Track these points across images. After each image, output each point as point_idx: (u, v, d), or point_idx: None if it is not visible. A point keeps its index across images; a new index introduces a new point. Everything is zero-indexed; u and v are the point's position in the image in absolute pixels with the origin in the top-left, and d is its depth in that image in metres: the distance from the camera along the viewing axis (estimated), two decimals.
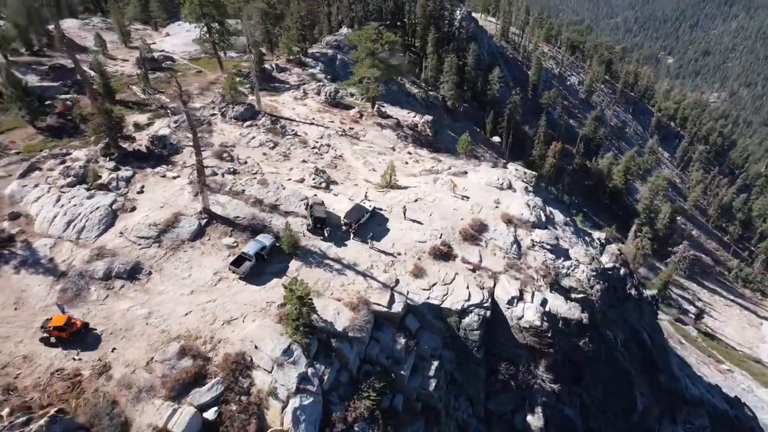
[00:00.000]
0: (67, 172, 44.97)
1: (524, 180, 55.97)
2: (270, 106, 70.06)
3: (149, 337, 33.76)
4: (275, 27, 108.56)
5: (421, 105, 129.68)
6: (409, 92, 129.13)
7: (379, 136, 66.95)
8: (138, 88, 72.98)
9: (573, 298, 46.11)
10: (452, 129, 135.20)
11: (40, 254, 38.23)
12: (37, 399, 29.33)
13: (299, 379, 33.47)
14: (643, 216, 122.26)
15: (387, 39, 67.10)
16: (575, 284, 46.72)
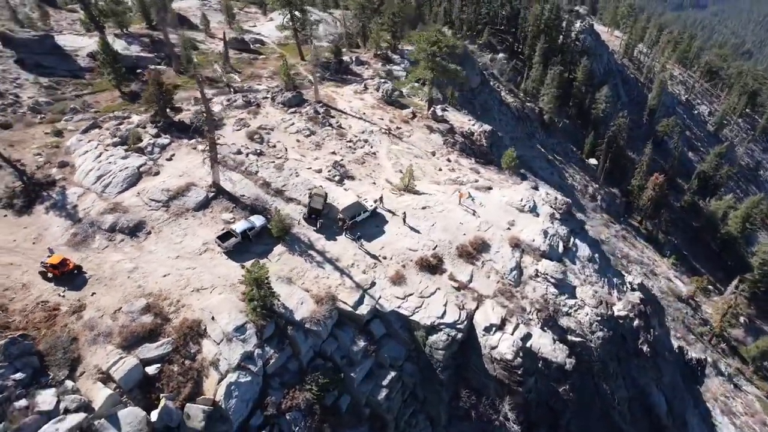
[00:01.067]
0: (115, 132, 50.59)
1: (553, 206, 52.17)
2: (328, 96, 72.31)
3: (125, 289, 37.23)
4: (370, 21, 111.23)
5: (513, 115, 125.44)
6: (504, 100, 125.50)
7: (423, 139, 66.23)
8: (218, 65, 79.11)
9: (568, 340, 42.54)
10: (543, 144, 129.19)
11: (68, 200, 43.67)
12: (17, 321, 33.87)
13: (243, 357, 34.88)
14: (758, 273, 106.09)
15: (446, 42, 65.81)
16: (574, 326, 43.00)
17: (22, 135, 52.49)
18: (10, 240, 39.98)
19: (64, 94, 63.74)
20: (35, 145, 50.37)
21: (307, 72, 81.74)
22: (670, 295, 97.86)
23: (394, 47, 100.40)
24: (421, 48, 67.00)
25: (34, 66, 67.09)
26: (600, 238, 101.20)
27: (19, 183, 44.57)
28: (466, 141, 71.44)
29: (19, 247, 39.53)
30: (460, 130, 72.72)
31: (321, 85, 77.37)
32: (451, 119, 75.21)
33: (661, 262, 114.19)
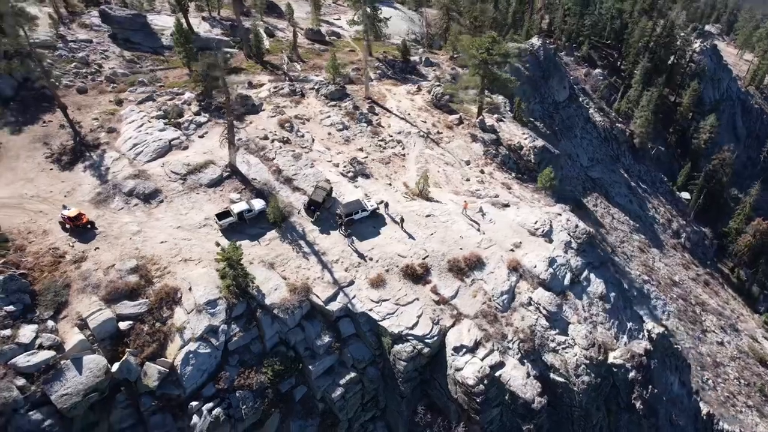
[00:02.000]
0: (160, 106, 55.14)
1: (571, 234, 48.59)
2: (380, 94, 72.86)
3: (124, 249, 40.79)
4: (454, 23, 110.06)
5: (599, 135, 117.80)
6: (591, 118, 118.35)
7: (463, 147, 64.53)
8: (285, 54, 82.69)
9: (550, 379, 39.77)
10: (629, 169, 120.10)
11: (104, 163, 48.51)
12: (27, 261, 38.53)
13: (207, 329, 36.90)
14: None
15: (499, 50, 63.23)
16: (559, 364, 40.08)
17: (91, 100, 58.94)
18: (47, 191, 45.38)
19: (141, 68, 70.30)
20: (97, 110, 56.37)
21: (368, 67, 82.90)
22: (750, 357, 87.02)
23: None
24: (470, 54, 65.11)
25: (124, 41, 74.67)
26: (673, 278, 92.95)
27: (72, 142, 50.31)
28: (512, 154, 68.48)
29: (52, 198, 44.74)
30: (508, 142, 69.82)
31: (380, 82, 78.15)
32: (503, 130, 72.41)
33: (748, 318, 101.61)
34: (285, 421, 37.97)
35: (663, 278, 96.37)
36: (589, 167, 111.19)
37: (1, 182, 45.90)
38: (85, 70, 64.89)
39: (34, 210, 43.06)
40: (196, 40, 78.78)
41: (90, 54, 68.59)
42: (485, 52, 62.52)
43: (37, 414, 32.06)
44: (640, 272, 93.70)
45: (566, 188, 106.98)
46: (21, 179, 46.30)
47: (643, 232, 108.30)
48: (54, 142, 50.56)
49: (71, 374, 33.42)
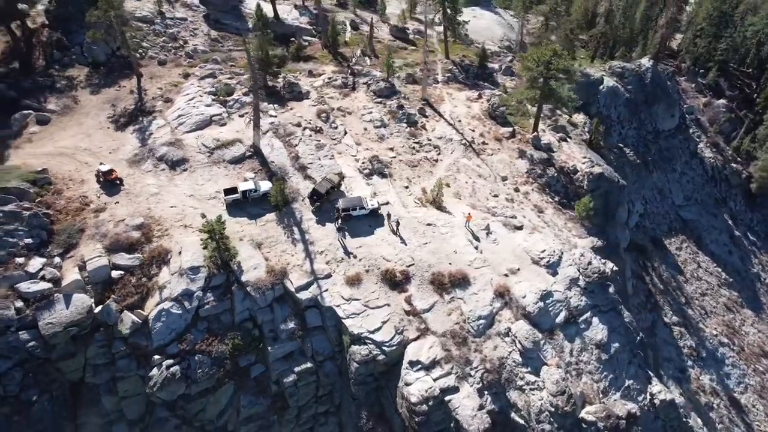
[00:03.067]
0: (213, 83, 59.50)
1: (581, 270, 44.45)
2: (438, 97, 71.83)
3: (139, 206, 45.08)
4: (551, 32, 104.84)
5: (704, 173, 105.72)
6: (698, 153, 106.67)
7: (505, 162, 61.49)
8: (360, 48, 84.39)
9: (511, 420, 37.21)
10: (736, 216, 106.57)
11: (150, 128, 53.66)
12: (60, 204, 44.15)
13: (183, 292, 39.80)
14: None
15: (559, 66, 58.85)
16: (522, 405, 37.34)
17: (165, 72, 65.23)
18: (98, 146, 51.40)
19: (221, 47, 76.17)
20: (165, 81, 62.32)
21: (441, 69, 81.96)
22: None
23: None
24: (526, 66, 61.52)
25: (215, 21, 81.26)
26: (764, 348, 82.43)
27: (133, 107, 56.35)
28: (562, 177, 63.86)
29: (100, 153, 50.61)
30: (561, 163, 65.15)
31: (446, 85, 77.06)
32: (561, 150, 67.56)
33: None
34: (237, 393, 39.73)
35: (750, 345, 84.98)
36: (682, 206, 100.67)
37: (67, 134, 52.84)
38: (171, 44, 71.76)
39: (82, 161, 49.06)
40: (278, 26, 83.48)
41: (181, 31, 75.56)
42: (542, 66, 58.85)
43: (25, 335, 36.95)
44: (718, 332, 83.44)
45: (645, 224, 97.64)
46: (82, 133, 52.90)
47: (738, 290, 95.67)
48: (119, 105, 56.92)
49: (60, 307, 37.94)
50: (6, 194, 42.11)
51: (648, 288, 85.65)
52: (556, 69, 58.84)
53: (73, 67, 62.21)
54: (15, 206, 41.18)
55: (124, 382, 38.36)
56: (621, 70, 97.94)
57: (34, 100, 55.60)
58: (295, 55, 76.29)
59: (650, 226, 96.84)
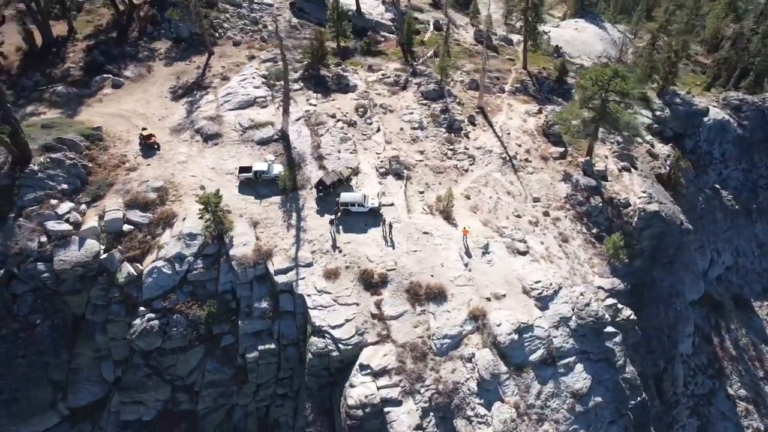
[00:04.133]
0: (268, 67, 62.63)
1: (576, 310, 40.41)
2: (495, 106, 69.14)
3: (165, 171, 49.26)
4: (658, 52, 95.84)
5: None
6: None
7: (544, 183, 57.53)
8: (434, 48, 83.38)
9: None
10: None
11: (199, 102, 57.97)
12: (102, 158, 49.64)
13: (176, 255, 43.17)
14: None
15: (619, 87, 53.27)
16: None
17: (235, 53, 69.75)
18: (151, 112, 56.77)
19: (299, 34, 79.68)
20: (230, 61, 66.83)
21: (513, 79, 78.68)
22: None
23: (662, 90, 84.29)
24: (581, 85, 56.68)
25: (298, 10, 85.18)
26: None
27: (192, 81, 61.38)
28: (608, 210, 58.32)
29: (151, 119, 55.87)
30: (612, 194, 59.42)
31: (510, 95, 73.98)
32: (618, 179, 61.69)
33: None
34: (206, 358, 42.18)
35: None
36: None
37: (131, 98, 59.04)
38: (250, 27, 76.64)
39: (134, 124, 54.59)
40: (358, 20, 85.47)
41: (264, 16, 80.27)
42: (597, 85, 54.02)
43: (41, 266, 42.28)
44: None
45: (731, 279, 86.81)
46: (143, 100, 58.76)
47: None
48: (183, 78, 62.29)
49: (73, 248, 42.90)
50: (61, 143, 48.32)
51: (714, 350, 75.99)
52: (614, 91, 53.71)
53: (159, 41, 68.97)
54: (62, 155, 47.11)
55: (113, 325, 42.50)
56: (738, 103, 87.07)
57: (115, 66, 62.72)
58: (364, 48, 77.40)
59: (737, 282, 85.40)
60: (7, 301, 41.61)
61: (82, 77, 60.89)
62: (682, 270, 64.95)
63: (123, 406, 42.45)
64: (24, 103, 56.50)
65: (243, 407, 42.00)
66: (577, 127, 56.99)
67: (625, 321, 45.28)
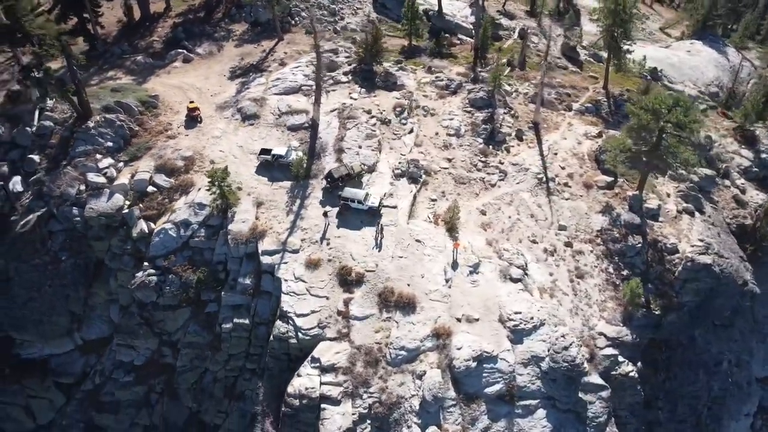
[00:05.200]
0: (330, 57, 64.41)
1: (551, 351, 36.84)
2: (552, 123, 64.84)
3: (198, 143, 53.08)
4: None
5: None
6: None
7: (578, 212, 52.83)
8: (507, 57, 79.72)
9: None
10: None
11: (252, 84, 61.15)
12: (150, 124, 54.72)
13: (182, 221, 46.93)
14: None
15: (676, 118, 46.77)
16: None
17: (303, 40, 72.23)
18: (207, 88, 61.23)
19: (371, 30, 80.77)
20: (294, 48, 69.64)
21: (586, 98, 73.31)
22: None
23: None
24: (630, 110, 50.80)
25: (380, 5, 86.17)
26: None
27: (252, 64, 65.15)
28: (650, 253, 52.23)
29: (204, 93, 60.30)
30: (658, 236, 53.10)
31: (577, 115, 68.98)
32: (672, 223, 54.86)
33: None
34: (191, 319, 45.14)
35: None
36: None
37: (194, 73, 64.16)
38: (327, 18, 79.09)
39: (188, 97, 59.31)
40: (438, 20, 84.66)
41: (344, 8, 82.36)
42: (652, 113, 48.31)
43: (75, 210, 47.91)
44: None
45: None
46: (204, 76, 63.59)
47: None
48: (246, 60, 66.29)
49: (102, 199, 48.04)
50: (119, 106, 54.12)
51: None
52: (672, 121, 47.65)
53: (238, 23, 74.00)
54: (115, 116, 52.76)
55: (122, 274, 47.11)
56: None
57: (191, 43, 68.44)
58: (434, 49, 76.33)
59: None
60: (43, 237, 47.83)
61: (161, 50, 67.36)
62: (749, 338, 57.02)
63: (119, 347, 46.97)
64: (108, 68, 63.94)
65: (213, 373, 44.36)
66: (622, 158, 51.63)
67: (622, 377, 40.66)
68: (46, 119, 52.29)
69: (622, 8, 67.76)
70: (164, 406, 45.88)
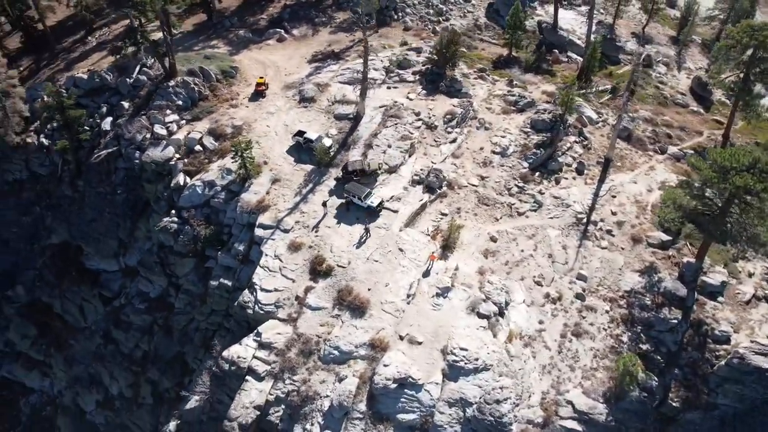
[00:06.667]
0: (407, 55, 64.66)
1: (483, 400, 33.27)
2: (631, 163, 57.32)
3: (253, 114, 57.51)
4: None
5: None
6: None
7: (606, 264, 45.94)
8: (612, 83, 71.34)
9: None
10: None
11: (323, 70, 63.91)
12: (220, 91, 60.51)
13: (209, 182, 52.01)
14: None
15: (745, 182, 37.38)
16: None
17: (397, 35, 73.06)
18: (285, 67, 65.46)
19: (474, 34, 78.38)
20: (382, 42, 70.73)
21: (693, 144, 63.46)
22: None
23: None
24: (695, 163, 41.94)
25: (494, 11, 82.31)
26: None
27: (334, 52, 68.03)
28: (687, 335, 43.99)
29: (280, 71, 64.66)
30: (704, 318, 44.39)
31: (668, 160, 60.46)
32: (736, 309, 45.64)
33: None
34: (193, 269, 49.86)
35: None
36: None
37: (282, 52, 69.09)
38: (431, 17, 78.88)
39: (267, 72, 64.22)
40: (549, 34, 79.50)
41: (452, 9, 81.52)
42: (717, 170, 39.94)
43: (136, 154, 55.39)
44: None
45: None
46: (288, 56, 68.14)
47: None
48: (331, 47, 69.35)
49: (159, 149, 54.85)
50: (200, 72, 60.85)
51: None
52: (744, 188, 38.74)
53: (343, 12, 77.46)
54: (192, 80, 59.46)
55: (156, 216, 53.58)
56: None
57: (290, 25, 73.59)
58: (530, 63, 72.05)
59: None
60: (109, 170, 56.39)
61: (263, 28, 73.52)
62: None
63: (141, 279, 53.87)
64: (214, 38, 71.80)
65: (198, 322, 48.63)
66: (673, 216, 43.83)
67: None
68: (143, 74, 60.83)
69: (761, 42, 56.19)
70: (159, 338, 51.57)
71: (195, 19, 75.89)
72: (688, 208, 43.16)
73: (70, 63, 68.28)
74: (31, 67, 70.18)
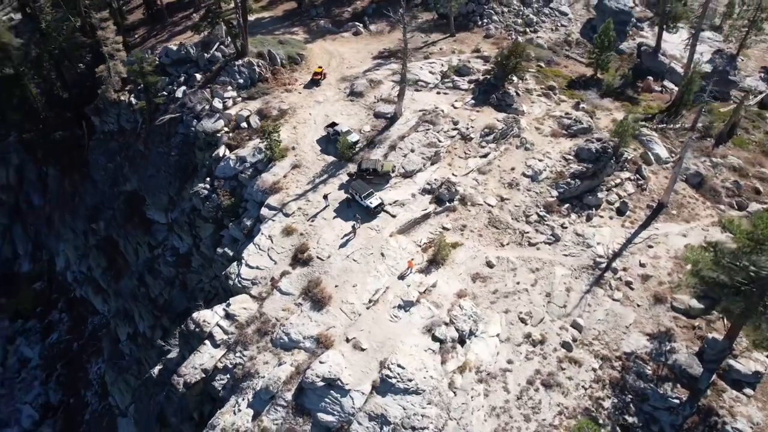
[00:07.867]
0: (470, 63, 62.96)
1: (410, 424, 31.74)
2: (689, 213, 50.57)
3: (301, 101, 59.77)
4: None
5: None
6: None
7: (612, 318, 40.66)
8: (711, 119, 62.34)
9: None
10: None
11: (381, 67, 64.26)
12: (281, 75, 63.87)
13: (240, 158, 54.94)
14: None
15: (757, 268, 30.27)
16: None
17: (474, 40, 71.02)
18: (349, 59, 66.98)
19: (561, 48, 73.43)
20: (454, 47, 69.33)
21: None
22: None
23: None
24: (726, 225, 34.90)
25: (590, 28, 76.46)
26: None
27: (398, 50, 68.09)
28: (683, 412, 38.05)
29: (343, 63, 66.39)
30: (715, 406, 37.77)
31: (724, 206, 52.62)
32: (761, 400, 38.35)
33: None
34: (210, 235, 53.91)
35: None
36: None
37: (352, 45, 70.96)
38: (516, 27, 75.75)
39: (329, 63, 66.46)
40: (647, 59, 72.39)
41: (545, 22, 77.66)
42: (750, 240, 33.44)
43: (194, 122, 60.64)
44: None
45: None
46: (356, 49, 69.76)
47: None
48: (392, 46, 69.31)
49: (211, 120, 59.53)
50: (268, 55, 64.79)
51: None
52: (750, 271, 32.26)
53: (429, 12, 77.28)
54: (257, 62, 63.45)
55: (197, 181, 58.10)
56: None
57: (370, 20, 75.12)
58: (610, 88, 66.06)
59: None
60: (170, 133, 62.56)
61: (345, 20, 75.85)
62: None
63: (174, 234, 59.35)
64: (297, 24, 75.73)
65: (204, 284, 52.60)
66: (692, 282, 37.70)
67: None
68: (219, 51, 66.31)
69: None
70: (176, 291, 56.60)
71: (287, 6, 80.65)
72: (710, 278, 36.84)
73: (172, 35, 76.38)
74: (143, 36, 79.81)
